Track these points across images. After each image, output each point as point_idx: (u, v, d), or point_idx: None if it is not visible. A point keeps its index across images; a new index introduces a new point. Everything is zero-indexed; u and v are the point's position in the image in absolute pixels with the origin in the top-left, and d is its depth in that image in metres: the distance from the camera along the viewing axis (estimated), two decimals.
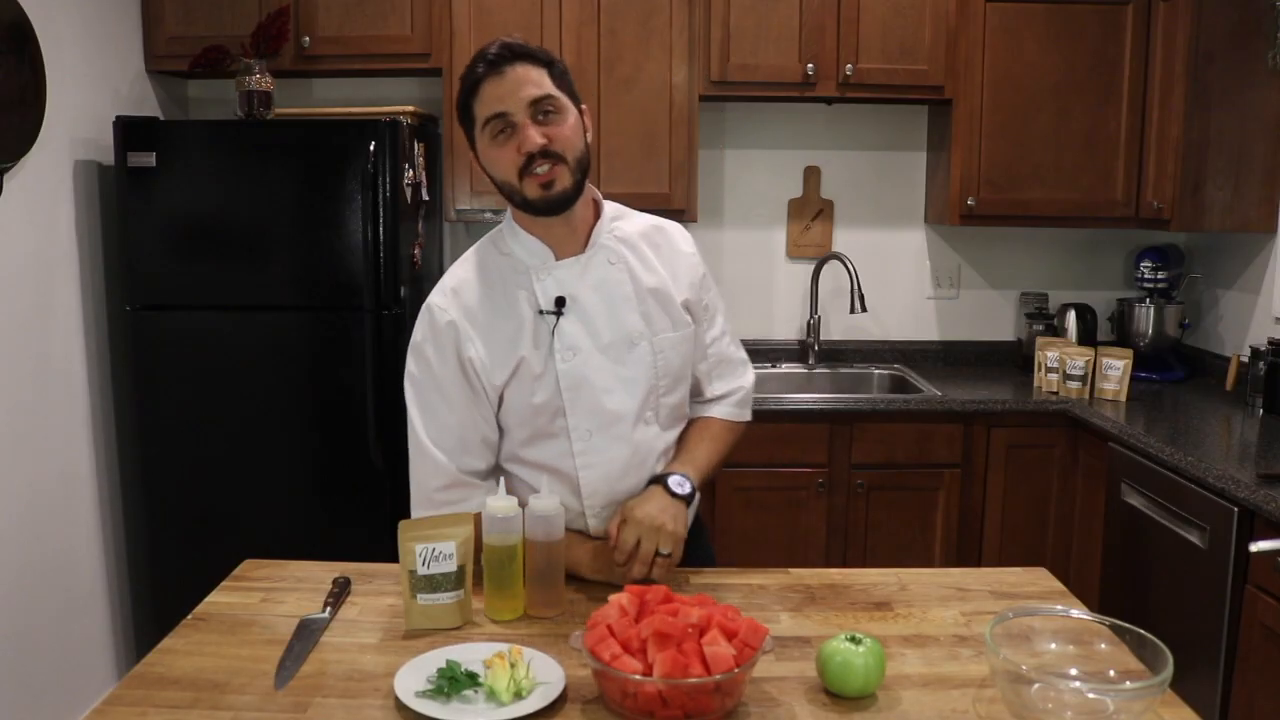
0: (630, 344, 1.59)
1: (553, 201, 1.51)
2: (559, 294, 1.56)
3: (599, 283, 1.58)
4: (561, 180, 1.49)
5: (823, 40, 3.16)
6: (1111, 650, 1.30)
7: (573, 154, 1.50)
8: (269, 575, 1.64)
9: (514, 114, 1.47)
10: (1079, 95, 3.20)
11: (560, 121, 1.49)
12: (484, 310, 1.56)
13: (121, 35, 3.08)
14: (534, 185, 1.49)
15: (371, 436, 2.90)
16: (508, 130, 1.48)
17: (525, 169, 1.48)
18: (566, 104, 1.51)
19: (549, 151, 1.48)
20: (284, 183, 2.85)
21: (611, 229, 1.62)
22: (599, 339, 1.57)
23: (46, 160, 2.71)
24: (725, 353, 1.76)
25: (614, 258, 1.60)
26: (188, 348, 2.90)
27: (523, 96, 1.46)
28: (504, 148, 1.49)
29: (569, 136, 1.50)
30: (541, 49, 1.53)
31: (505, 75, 1.47)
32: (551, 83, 1.49)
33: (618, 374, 1.58)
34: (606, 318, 1.58)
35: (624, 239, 1.63)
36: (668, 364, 1.62)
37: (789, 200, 3.58)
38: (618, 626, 1.23)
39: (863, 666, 1.24)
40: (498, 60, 1.47)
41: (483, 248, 1.63)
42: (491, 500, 1.48)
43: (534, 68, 1.48)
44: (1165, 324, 3.32)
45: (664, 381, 1.62)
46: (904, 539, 3.07)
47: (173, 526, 2.97)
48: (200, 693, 1.27)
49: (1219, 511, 2.24)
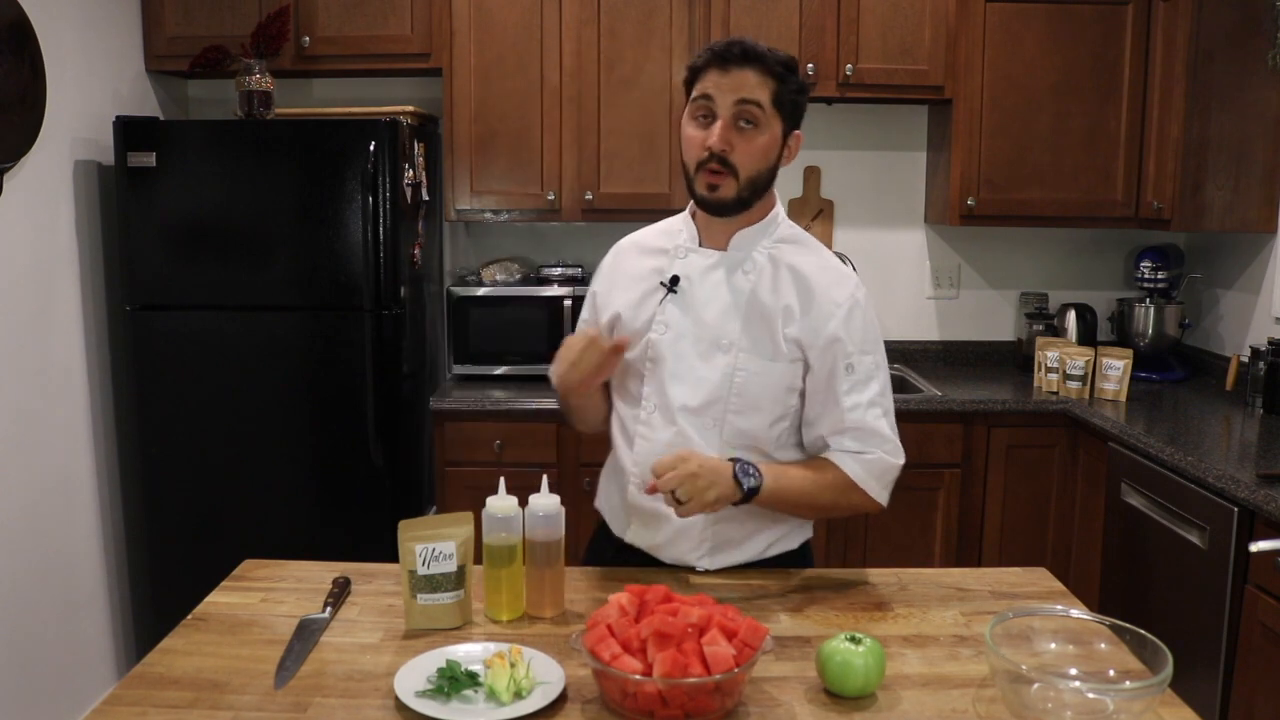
0: (719, 348, 1.60)
1: (711, 205, 1.58)
2: (678, 274, 1.63)
3: (720, 282, 1.62)
4: (726, 190, 1.55)
5: (823, 40, 3.16)
6: (1111, 650, 1.30)
7: (748, 171, 1.54)
8: (269, 575, 1.64)
9: (719, 106, 1.52)
10: (1079, 95, 3.20)
11: (754, 136, 1.53)
12: (628, 259, 1.72)
13: (121, 35, 3.08)
14: (703, 183, 1.56)
15: (371, 436, 2.90)
16: (709, 117, 1.54)
17: (703, 163, 1.54)
18: (771, 120, 1.53)
19: (726, 161, 1.53)
20: (284, 183, 2.85)
21: (773, 248, 1.62)
22: (694, 330, 1.61)
23: (46, 160, 2.71)
24: (865, 423, 1.59)
25: (750, 268, 1.61)
26: (188, 348, 2.91)
27: (734, 94, 1.51)
28: (696, 130, 1.55)
29: (753, 153, 1.54)
30: (784, 62, 1.53)
31: (730, 72, 1.51)
32: (770, 95, 1.52)
33: (695, 369, 1.60)
34: (710, 315, 1.61)
35: (776, 260, 1.62)
36: (745, 384, 1.58)
37: (789, 200, 3.58)
38: (618, 626, 1.23)
39: (863, 666, 1.24)
40: (728, 55, 1.51)
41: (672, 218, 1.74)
42: (492, 500, 1.49)
43: (763, 76, 1.52)
44: (1165, 324, 3.32)
45: (735, 400, 1.58)
46: (904, 539, 3.07)
47: (173, 526, 2.97)
48: (200, 693, 1.27)
49: (1219, 511, 2.24)
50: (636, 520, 1.67)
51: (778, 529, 1.67)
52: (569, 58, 3.14)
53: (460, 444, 3.05)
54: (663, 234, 1.72)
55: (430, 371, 3.44)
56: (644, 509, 1.63)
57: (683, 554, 1.64)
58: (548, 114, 3.17)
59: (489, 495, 1.50)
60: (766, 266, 1.61)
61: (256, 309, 2.89)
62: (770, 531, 1.66)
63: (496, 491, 1.51)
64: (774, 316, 1.59)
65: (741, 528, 1.64)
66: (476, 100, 3.17)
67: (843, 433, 1.60)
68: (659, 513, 1.59)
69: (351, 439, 2.91)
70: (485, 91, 3.16)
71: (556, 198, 3.20)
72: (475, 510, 1.50)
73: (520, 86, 3.16)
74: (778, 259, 1.62)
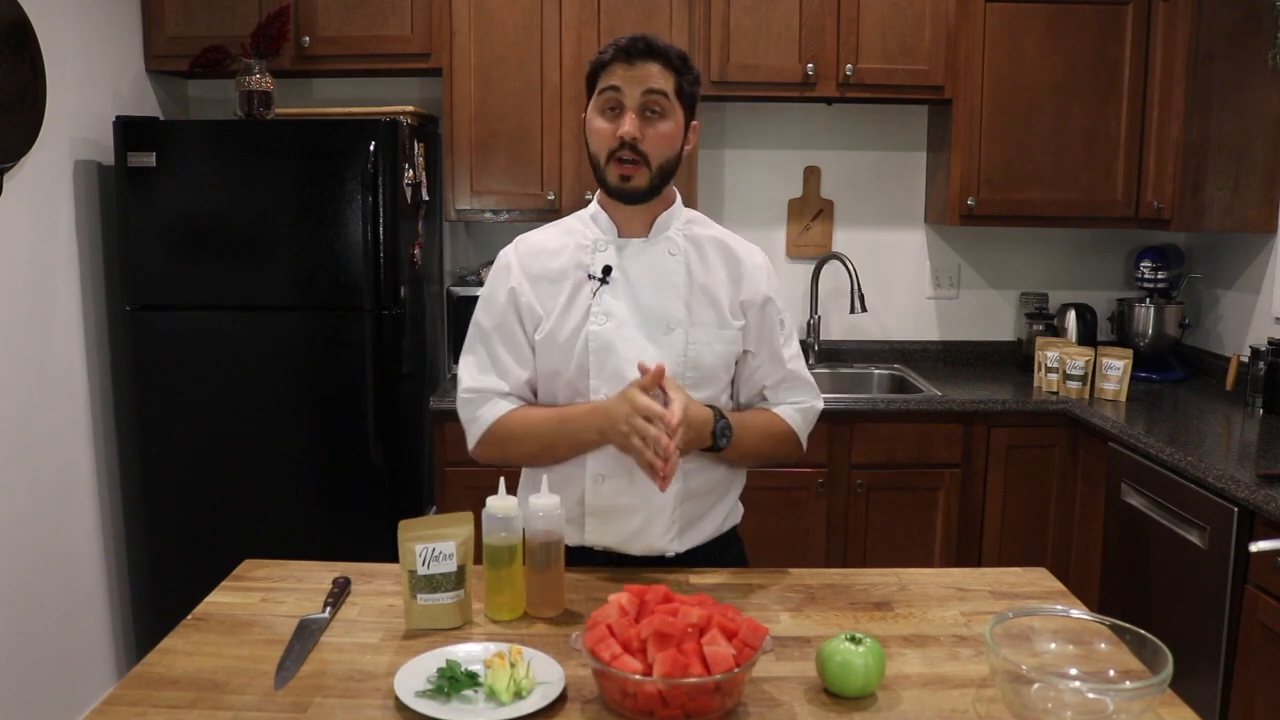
0: (667, 328, 1.64)
1: (625, 193, 1.62)
2: (608, 264, 1.66)
3: (652, 266, 1.67)
4: (639, 179, 1.61)
5: (823, 40, 3.16)
6: (1111, 650, 1.30)
7: (658, 159, 1.61)
8: (269, 575, 1.64)
9: (626, 97, 1.58)
10: (1079, 95, 3.20)
11: (661, 124, 1.60)
12: (538, 261, 1.69)
13: (121, 35, 3.08)
14: (615, 173, 1.61)
15: (371, 436, 2.90)
16: (617, 109, 1.59)
17: (614, 153, 1.59)
18: (675, 109, 1.61)
19: (638, 149, 1.59)
20: (284, 183, 2.85)
21: (685, 229, 1.71)
22: (637, 315, 1.64)
23: (46, 160, 2.71)
24: (799, 372, 1.75)
25: (675, 249, 1.68)
26: (188, 348, 2.90)
27: (641, 85, 1.58)
28: (606, 123, 1.60)
29: (661, 141, 1.60)
30: (682, 56, 1.62)
31: (635, 66, 1.58)
32: (673, 86, 1.60)
33: (646, 351, 1.62)
34: (651, 298, 1.65)
35: (693, 239, 1.70)
36: (699, 356, 1.65)
37: (789, 200, 3.58)
38: (618, 626, 1.23)
39: (863, 666, 1.24)
40: (633, 50, 1.58)
41: (571, 216, 1.76)
42: (491, 500, 1.49)
43: (665, 69, 1.59)
44: (1165, 324, 3.32)
45: (691, 374, 1.65)
46: (904, 539, 3.07)
47: (173, 526, 2.97)
48: (200, 693, 1.27)
49: (1219, 511, 2.24)
50: (595, 520, 1.66)
51: (730, 500, 1.75)
52: (569, 58, 3.14)
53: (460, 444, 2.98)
54: (566, 233, 1.72)
55: (430, 371, 3.44)
56: (606, 506, 1.64)
57: (653, 541, 1.66)
58: (548, 114, 3.17)
59: (489, 495, 1.50)
60: (688, 245, 1.69)
61: (256, 309, 2.89)
62: (725, 503, 1.74)
63: (496, 491, 1.51)
64: (713, 287, 1.67)
65: (703, 503, 1.70)
66: (476, 100, 3.17)
67: (782, 383, 1.73)
68: (623, 506, 1.63)
69: (351, 439, 2.91)
70: (485, 91, 3.17)
71: (556, 197, 3.20)
72: (475, 510, 1.50)
73: (520, 86, 3.16)
74: (693, 236, 1.71)
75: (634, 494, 1.62)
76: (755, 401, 1.75)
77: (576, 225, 1.73)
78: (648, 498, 1.62)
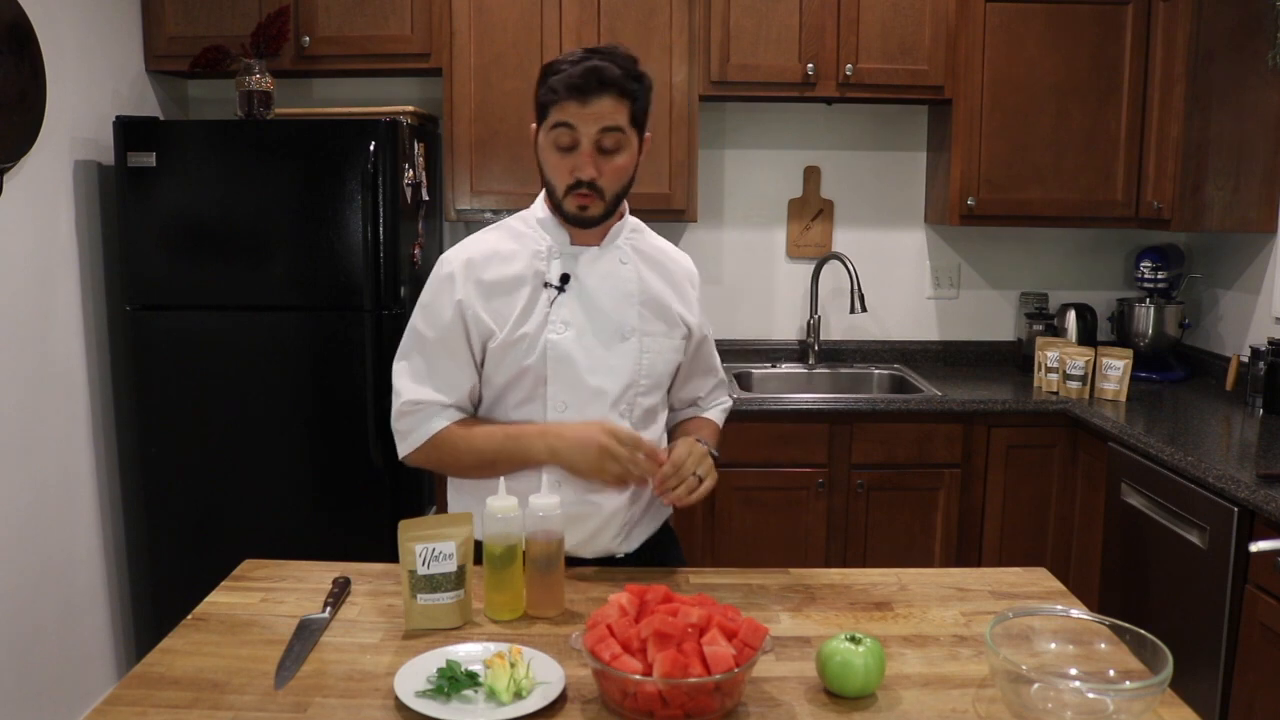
0: (622, 336, 1.66)
1: (583, 221, 1.64)
2: (566, 273, 1.65)
3: (607, 274, 1.67)
4: (595, 209, 1.62)
5: (823, 40, 3.16)
6: (1111, 650, 1.30)
7: (614, 190, 1.61)
8: (269, 575, 1.64)
9: (581, 135, 1.56)
10: (1079, 95, 3.20)
11: (616, 158, 1.59)
12: (488, 268, 1.64)
13: (121, 35, 3.08)
14: (573, 204, 1.61)
15: (371, 436, 2.90)
16: (571, 147, 1.57)
17: (572, 188, 1.59)
18: (630, 140, 1.60)
19: (595, 185, 1.58)
20: (284, 183, 2.85)
21: (630, 239, 1.73)
22: (594, 323, 1.65)
23: (46, 160, 2.71)
24: (722, 374, 1.92)
25: (625, 258, 1.70)
26: (188, 348, 2.90)
27: (596, 123, 1.55)
28: (562, 158, 1.59)
29: (617, 174, 1.61)
30: (634, 75, 1.58)
31: (589, 103, 1.54)
32: (628, 116, 1.58)
33: (604, 359, 1.64)
34: (607, 306, 1.66)
35: (638, 249, 1.73)
36: (652, 364, 1.69)
37: (789, 200, 3.58)
38: (618, 626, 1.23)
39: (863, 666, 1.24)
40: (586, 88, 1.53)
41: (513, 219, 1.73)
42: (491, 500, 1.48)
43: (619, 100, 1.56)
44: (1165, 324, 3.32)
45: (645, 380, 1.68)
46: (904, 539, 3.07)
47: (173, 526, 2.97)
48: (200, 693, 1.27)
49: (1219, 511, 2.24)
50: None
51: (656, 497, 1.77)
52: None
53: None
54: (515, 238, 1.69)
55: None
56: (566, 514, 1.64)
57: (606, 544, 1.70)
58: None
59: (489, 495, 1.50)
60: (635, 255, 1.72)
61: (256, 309, 2.89)
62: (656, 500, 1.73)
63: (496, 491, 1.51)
64: (662, 294, 1.71)
65: (643, 503, 1.72)
66: (476, 100, 3.17)
67: (715, 387, 1.90)
68: (577, 515, 1.63)
69: (351, 439, 2.91)
70: (485, 91, 3.16)
71: None
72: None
73: (520, 86, 3.15)
74: (638, 246, 1.73)
75: (585, 503, 1.64)
76: (684, 408, 1.88)
77: (524, 229, 1.69)
78: (599, 505, 1.65)
